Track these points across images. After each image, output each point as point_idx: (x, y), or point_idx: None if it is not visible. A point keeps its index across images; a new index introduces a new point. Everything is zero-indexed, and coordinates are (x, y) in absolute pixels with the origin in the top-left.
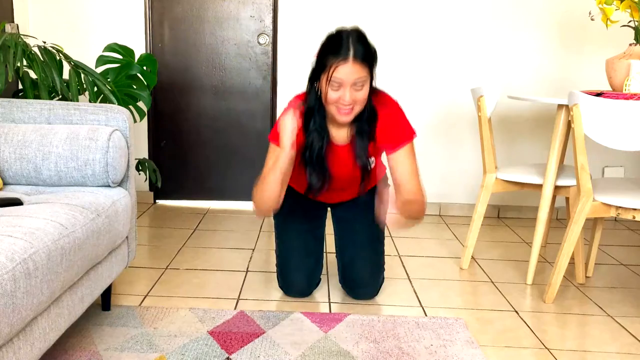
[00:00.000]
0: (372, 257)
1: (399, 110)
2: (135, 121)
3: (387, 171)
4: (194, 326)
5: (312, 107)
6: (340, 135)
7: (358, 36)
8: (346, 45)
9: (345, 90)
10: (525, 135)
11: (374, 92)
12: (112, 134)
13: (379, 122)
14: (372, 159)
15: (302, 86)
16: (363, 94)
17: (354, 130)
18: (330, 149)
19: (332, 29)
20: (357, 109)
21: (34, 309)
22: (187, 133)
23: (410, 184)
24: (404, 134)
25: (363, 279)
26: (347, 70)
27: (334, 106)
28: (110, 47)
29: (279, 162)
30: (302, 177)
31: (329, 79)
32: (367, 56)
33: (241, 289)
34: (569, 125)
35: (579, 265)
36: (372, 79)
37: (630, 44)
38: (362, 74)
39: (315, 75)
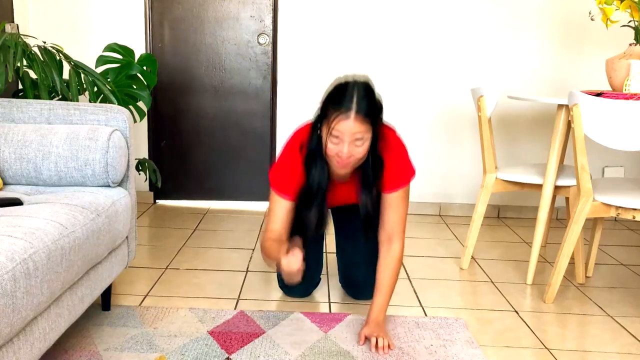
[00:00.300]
0: (372, 257)
1: (403, 153)
2: (135, 121)
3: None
4: (194, 326)
5: (314, 150)
6: (341, 175)
7: (365, 90)
8: (350, 99)
9: (344, 145)
10: (525, 135)
11: (379, 135)
12: (112, 134)
13: (384, 168)
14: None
15: (302, 86)
16: (363, 150)
17: (359, 181)
18: (331, 185)
19: (333, 29)
20: (356, 162)
21: (34, 309)
22: (187, 133)
23: (395, 228)
24: (405, 176)
25: (363, 279)
26: (348, 126)
27: (332, 158)
28: (110, 47)
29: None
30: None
31: (329, 130)
32: (371, 113)
33: (241, 289)
34: (569, 125)
35: (579, 265)
36: (375, 134)
37: (630, 44)
38: (363, 130)
39: (319, 121)
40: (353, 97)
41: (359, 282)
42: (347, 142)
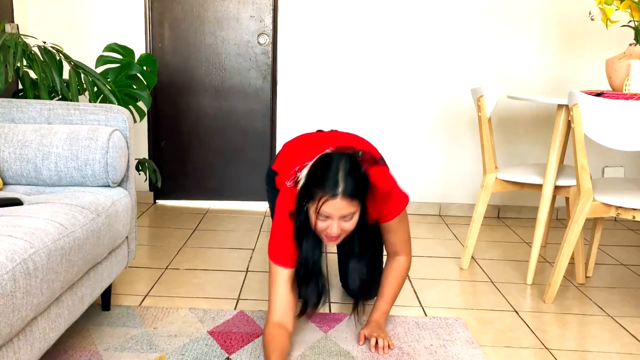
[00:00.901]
0: (372, 257)
1: (394, 188)
2: (135, 121)
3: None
4: (194, 326)
5: (303, 224)
6: None
7: (350, 167)
8: (335, 179)
9: (333, 223)
10: (525, 135)
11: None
12: (112, 134)
13: (377, 203)
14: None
15: (302, 86)
16: (352, 223)
17: (349, 248)
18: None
19: (333, 29)
20: (346, 234)
21: (33, 309)
22: (187, 133)
23: (400, 247)
24: (398, 207)
25: (362, 283)
26: (335, 207)
27: (322, 233)
28: (110, 47)
29: None
30: None
31: (316, 210)
32: (358, 192)
33: (241, 289)
34: (569, 125)
35: (579, 265)
36: (364, 207)
37: (630, 44)
38: (351, 209)
39: (304, 197)
40: (338, 177)
41: (360, 283)
42: (336, 220)
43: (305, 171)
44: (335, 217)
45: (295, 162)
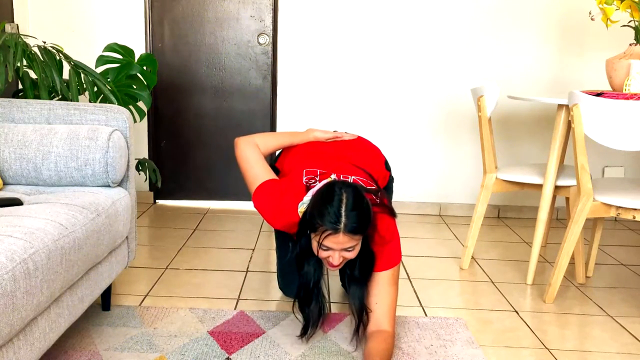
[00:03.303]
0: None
1: (392, 240)
2: (135, 121)
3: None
4: (194, 326)
5: (305, 249)
6: None
7: (353, 202)
8: (337, 215)
9: (334, 254)
10: (525, 135)
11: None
12: (112, 134)
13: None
14: None
15: (302, 86)
16: (354, 254)
17: (349, 273)
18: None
19: (333, 29)
20: (347, 261)
21: (33, 309)
22: (187, 133)
23: (383, 318)
24: (390, 260)
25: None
26: (336, 241)
27: (324, 260)
28: (110, 47)
29: None
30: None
31: (319, 241)
32: (360, 228)
33: (241, 289)
34: (569, 125)
35: (579, 265)
36: (367, 237)
37: (630, 44)
38: (353, 242)
39: (307, 226)
40: (341, 212)
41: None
42: (338, 251)
43: (308, 197)
44: (337, 250)
45: (300, 164)
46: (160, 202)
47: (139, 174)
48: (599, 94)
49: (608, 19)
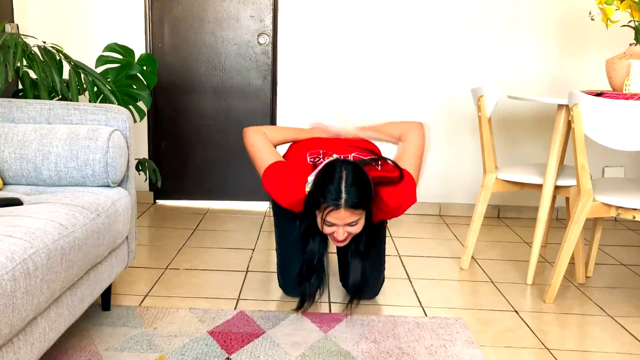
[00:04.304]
0: (372, 257)
1: (401, 205)
2: (135, 121)
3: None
4: (194, 326)
5: (311, 226)
6: None
7: (353, 177)
8: (338, 191)
9: (339, 229)
10: (525, 135)
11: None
12: (112, 134)
13: (378, 211)
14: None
15: (302, 86)
16: (358, 227)
17: (351, 246)
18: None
19: (333, 29)
20: (353, 235)
21: (33, 309)
22: (187, 133)
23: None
24: (407, 198)
25: (363, 279)
26: (339, 216)
27: (329, 235)
28: (110, 47)
29: None
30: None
31: (322, 218)
32: (361, 203)
33: (241, 289)
34: (569, 125)
35: (579, 265)
36: (370, 211)
37: (630, 44)
38: (355, 217)
39: (311, 203)
40: (341, 187)
41: (360, 282)
42: (341, 226)
43: (312, 177)
44: (340, 225)
45: (303, 150)
46: (160, 202)
47: (139, 174)
48: (599, 94)
49: (608, 19)
